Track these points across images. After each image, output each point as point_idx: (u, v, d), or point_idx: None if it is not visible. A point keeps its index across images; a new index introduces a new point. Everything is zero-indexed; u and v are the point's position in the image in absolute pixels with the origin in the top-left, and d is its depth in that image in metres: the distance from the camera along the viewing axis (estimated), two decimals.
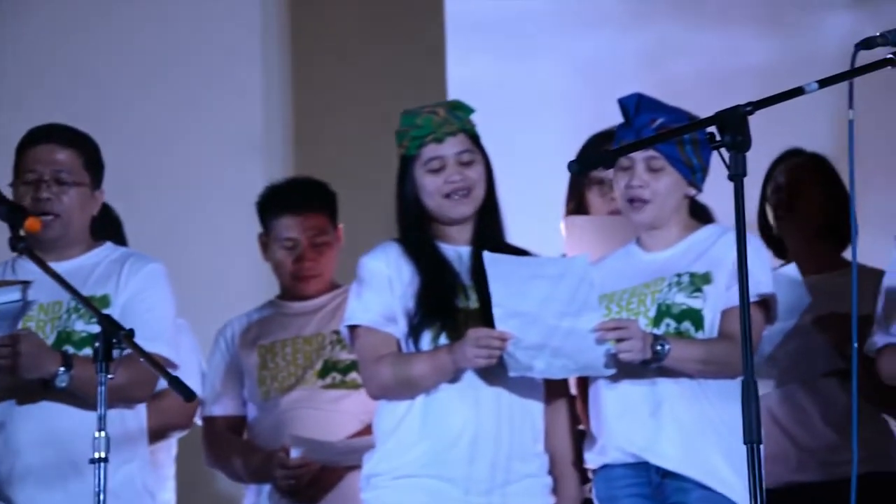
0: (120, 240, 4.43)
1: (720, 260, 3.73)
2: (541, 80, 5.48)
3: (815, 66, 3.18)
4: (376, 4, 5.73)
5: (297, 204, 4.50)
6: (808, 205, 4.39)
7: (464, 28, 5.59)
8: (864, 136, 4.88)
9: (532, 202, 4.65)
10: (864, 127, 4.89)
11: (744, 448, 2.86)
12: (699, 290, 3.77)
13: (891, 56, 3.04)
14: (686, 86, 5.00)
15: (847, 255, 4.40)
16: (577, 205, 4.44)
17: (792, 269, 4.06)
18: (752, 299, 3.67)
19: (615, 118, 3.87)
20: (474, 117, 3.94)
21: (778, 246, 4.51)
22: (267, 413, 4.42)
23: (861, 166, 4.68)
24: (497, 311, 3.67)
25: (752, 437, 2.84)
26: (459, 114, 3.88)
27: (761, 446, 2.91)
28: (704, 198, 3.93)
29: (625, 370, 3.72)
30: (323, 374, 4.40)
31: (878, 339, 3.93)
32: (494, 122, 5.18)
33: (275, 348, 4.46)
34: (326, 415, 4.36)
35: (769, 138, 4.74)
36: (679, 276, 3.79)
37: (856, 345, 3.10)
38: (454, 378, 3.75)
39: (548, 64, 5.49)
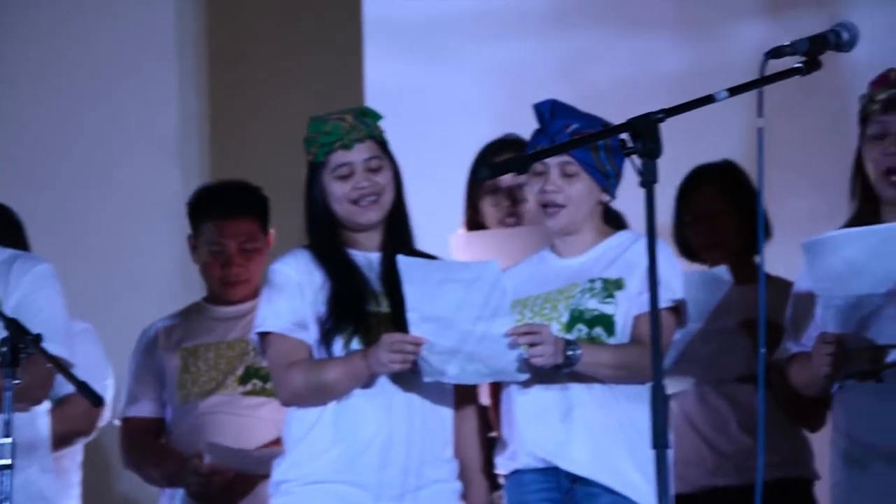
0: (20, 243, 4.38)
1: (633, 266, 3.76)
2: (458, 84, 5.49)
3: (730, 74, 3.20)
4: (292, 7, 5.72)
5: (226, 208, 4.49)
6: (726, 226, 4.44)
7: (381, 32, 5.59)
8: (777, 144, 4.96)
9: (447, 207, 4.65)
10: (777, 134, 4.97)
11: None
12: (611, 295, 3.79)
13: (799, 65, 3.07)
14: (603, 93, 5.03)
15: (766, 268, 4.44)
16: (472, 212, 4.46)
17: (723, 271, 4.10)
18: (663, 305, 3.72)
19: (532, 124, 3.89)
20: (391, 121, 3.94)
21: (697, 256, 4.55)
22: (185, 416, 4.41)
23: (776, 174, 4.75)
24: (411, 316, 3.68)
25: (659, 441, 2.86)
26: (368, 120, 3.89)
27: (669, 451, 2.94)
28: (622, 204, 3.96)
29: (537, 375, 3.74)
30: (244, 380, 4.39)
31: (790, 346, 3.97)
32: (411, 126, 5.20)
33: (198, 352, 4.45)
34: (244, 420, 4.35)
35: (687, 145, 4.81)
36: (592, 281, 3.81)
37: (763, 350, 3.13)
38: (367, 383, 3.75)
39: (465, 69, 5.50)
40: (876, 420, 3.77)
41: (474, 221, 4.48)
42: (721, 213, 4.47)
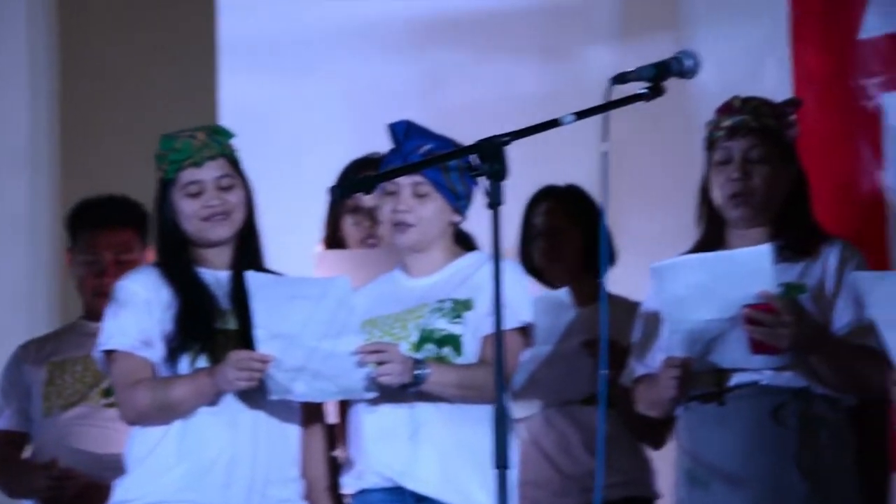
0: None
1: (482, 287, 3.78)
2: (315, 103, 5.48)
3: (584, 97, 3.24)
4: (147, 21, 5.67)
5: (102, 218, 4.48)
6: (570, 245, 4.48)
7: (236, 48, 5.56)
8: (626, 167, 5.03)
9: (303, 225, 4.65)
10: (626, 158, 5.04)
11: None
12: (460, 316, 3.81)
13: (643, 91, 3.12)
14: (459, 114, 5.05)
15: (611, 289, 4.49)
16: (333, 230, 4.46)
17: (563, 293, 4.13)
18: (511, 326, 3.76)
19: (388, 144, 3.90)
20: (246, 138, 3.93)
21: (541, 275, 4.59)
22: (48, 429, 4.39)
23: (624, 197, 4.82)
24: (259, 333, 3.67)
25: (501, 461, 2.88)
26: (219, 138, 3.88)
27: (511, 471, 2.96)
28: (479, 225, 3.98)
29: (385, 394, 3.75)
30: (108, 392, 4.36)
31: (636, 367, 4.02)
32: (268, 143, 5.18)
33: (65, 365, 4.43)
34: (105, 432, 4.33)
35: (541, 168, 4.85)
36: (441, 301, 3.83)
37: (604, 371, 3.16)
38: (213, 401, 3.73)
39: (322, 87, 5.49)
40: (718, 442, 3.83)
41: (334, 240, 4.47)
42: (563, 230, 4.50)
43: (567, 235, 4.52)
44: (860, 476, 3.87)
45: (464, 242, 4.01)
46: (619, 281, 4.49)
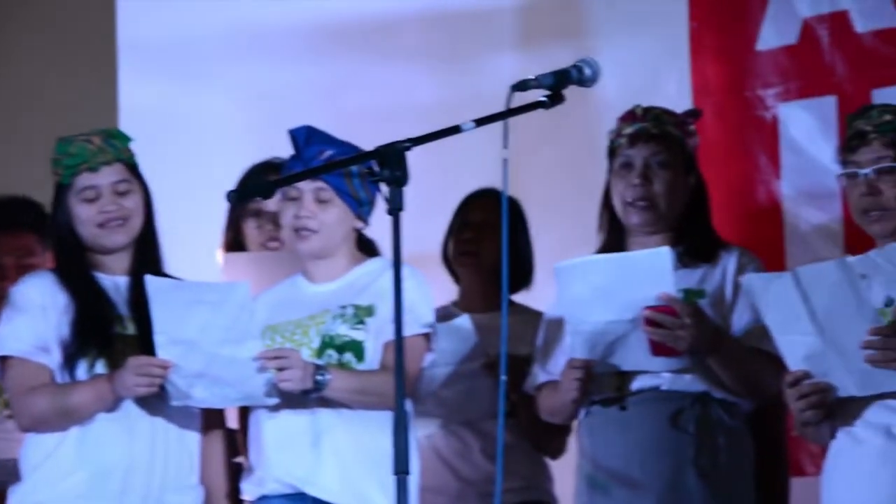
0: None
1: (384, 293, 3.78)
2: (216, 107, 5.44)
3: (486, 105, 3.24)
4: (45, 23, 5.61)
5: (3, 222, 4.43)
6: (491, 247, 4.47)
7: (136, 52, 5.52)
8: (530, 176, 5.05)
9: (205, 230, 4.62)
10: (530, 166, 5.07)
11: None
12: (362, 322, 3.81)
13: (543, 99, 3.14)
14: (360, 120, 5.04)
15: (517, 297, 4.50)
16: (234, 234, 4.44)
17: (465, 321, 4.13)
18: (413, 332, 3.77)
19: (289, 149, 3.89)
20: (147, 142, 3.90)
21: (458, 266, 4.57)
22: None
23: (527, 205, 4.83)
24: (158, 338, 3.64)
25: (401, 467, 2.88)
26: (116, 142, 3.84)
27: (411, 477, 2.97)
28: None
29: (286, 400, 3.73)
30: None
31: (539, 374, 4.04)
32: (169, 147, 5.14)
33: None
34: (9, 444, 4.25)
35: (444, 175, 4.85)
36: (343, 307, 3.83)
37: (503, 378, 3.17)
38: (111, 407, 3.70)
39: (223, 91, 5.46)
40: (618, 446, 3.85)
41: (235, 244, 4.45)
42: (488, 225, 4.47)
43: (492, 233, 4.46)
44: (758, 479, 3.92)
45: (366, 248, 4.01)
46: (526, 291, 4.51)
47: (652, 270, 3.70)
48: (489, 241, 4.45)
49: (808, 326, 3.40)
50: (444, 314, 4.32)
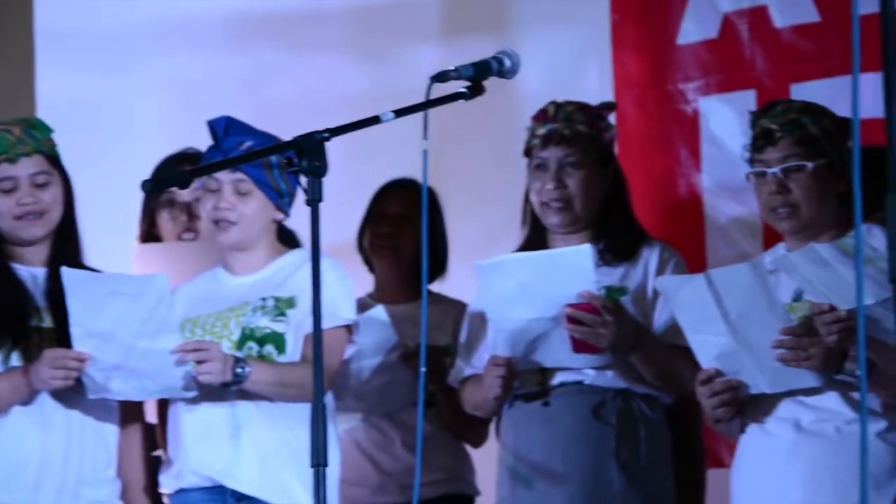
0: None
1: (305, 285, 3.76)
2: (136, 97, 5.39)
3: (408, 96, 3.23)
4: None
5: None
6: (409, 239, 4.46)
7: (54, 42, 5.45)
8: (452, 168, 5.05)
9: (125, 221, 4.57)
10: (452, 158, 5.06)
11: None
12: (283, 314, 3.79)
13: (463, 90, 3.13)
14: (283, 111, 5.02)
15: (434, 286, 4.49)
16: (148, 225, 4.41)
17: (380, 312, 4.12)
18: (333, 324, 3.76)
19: (209, 140, 3.86)
20: (66, 133, 3.86)
21: (375, 259, 4.55)
22: None
23: (449, 197, 4.82)
24: (75, 331, 3.61)
25: (318, 459, 2.87)
26: (36, 133, 3.80)
27: (329, 469, 2.95)
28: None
29: (205, 393, 3.71)
30: None
31: (462, 368, 4.03)
32: (88, 138, 5.09)
33: None
34: None
35: (364, 166, 4.83)
36: (264, 300, 3.81)
37: (423, 369, 3.16)
38: (26, 400, 3.66)
39: (142, 82, 5.40)
40: (541, 440, 3.86)
41: (150, 235, 4.42)
42: (408, 219, 4.46)
43: (410, 227, 4.46)
44: (677, 471, 3.94)
45: (287, 240, 3.99)
46: (446, 281, 4.51)
47: (573, 268, 3.71)
48: (407, 233, 4.44)
49: (720, 327, 3.45)
50: (360, 305, 4.31)
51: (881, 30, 2.17)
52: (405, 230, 4.44)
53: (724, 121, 4.71)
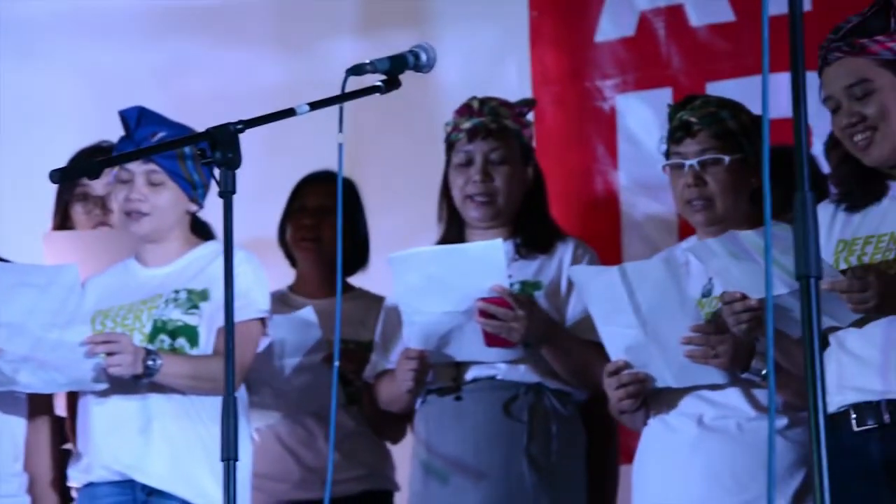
0: None
1: (218, 277, 3.71)
2: (49, 88, 5.33)
3: (327, 89, 3.21)
4: None
5: None
6: (331, 232, 4.44)
7: None
8: (372, 161, 5.04)
9: (37, 214, 4.52)
10: (372, 152, 5.05)
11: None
12: (196, 306, 3.76)
13: (379, 84, 3.11)
14: (200, 103, 4.97)
15: (356, 280, 4.48)
16: (62, 219, 4.36)
17: (309, 313, 4.10)
18: (247, 317, 3.74)
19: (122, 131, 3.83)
20: None
21: (298, 254, 4.53)
22: None
23: (369, 190, 4.81)
24: None
25: (228, 453, 2.85)
26: None
27: (241, 463, 2.94)
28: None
29: (116, 385, 3.68)
30: None
31: (378, 362, 4.02)
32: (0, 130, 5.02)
33: None
34: None
35: (283, 159, 4.81)
36: (176, 292, 3.78)
37: (336, 363, 3.14)
38: None
39: (57, 72, 5.34)
40: (454, 434, 3.86)
41: (64, 229, 4.36)
42: (329, 211, 4.44)
43: (331, 219, 4.43)
44: (590, 465, 3.95)
45: (201, 232, 3.96)
46: (365, 276, 4.50)
47: (486, 262, 3.71)
48: (328, 226, 4.42)
49: (631, 319, 3.46)
50: (280, 298, 4.29)
51: (790, 30, 2.18)
52: (326, 223, 4.43)
53: (641, 118, 4.74)
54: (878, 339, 3.17)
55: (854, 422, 3.17)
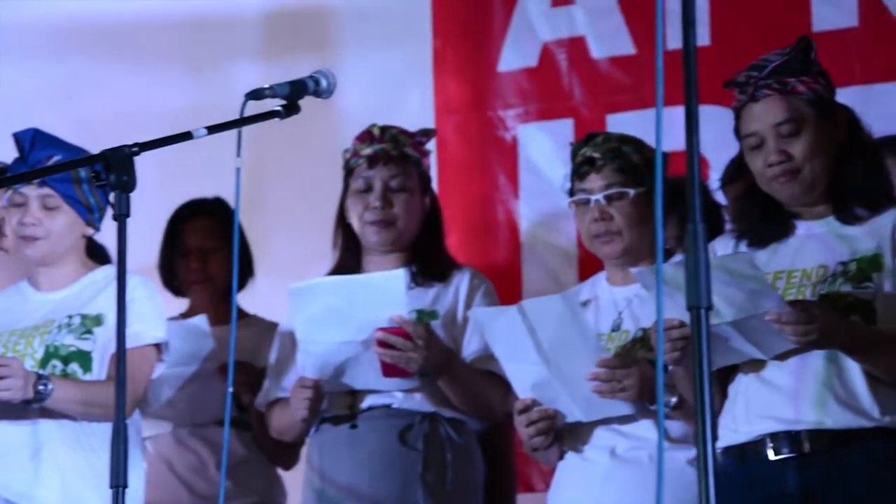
0: None
1: (113, 302, 3.64)
2: None
3: (230, 114, 3.19)
4: None
5: None
6: (219, 264, 4.43)
7: None
8: (270, 186, 5.01)
9: None
10: (270, 177, 5.02)
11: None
12: (90, 331, 3.72)
13: (278, 108, 3.10)
14: (100, 125, 4.91)
15: (249, 307, 4.46)
16: None
17: (202, 321, 4.08)
18: (142, 343, 3.70)
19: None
20: None
21: (186, 293, 4.52)
22: None
23: (268, 217, 4.78)
24: None
25: (117, 480, 2.82)
26: None
27: (131, 490, 2.90)
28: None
29: (6, 411, 3.62)
30: None
31: (271, 390, 3.99)
32: None
33: None
34: None
35: (180, 183, 4.77)
36: (70, 317, 3.74)
37: (230, 390, 3.13)
38: None
39: None
40: (348, 463, 3.85)
41: None
42: (214, 249, 4.44)
43: (218, 256, 4.45)
44: (487, 494, 3.95)
45: (98, 255, 3.92)
46: (262, 301, 4.47)
47: (385, 292, 3.71)
48: (214, 263, 4.43)
49: (534, 356, 3.48)
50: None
51: (683, 63, 2.20)
52: (211, 260, 4.44)
53: (542, 149, 4.76)
54: (792, 368, 3.20)
55: (770, 451, 3.19)
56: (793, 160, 3.24)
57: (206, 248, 4.45)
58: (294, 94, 3.11)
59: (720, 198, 4.06)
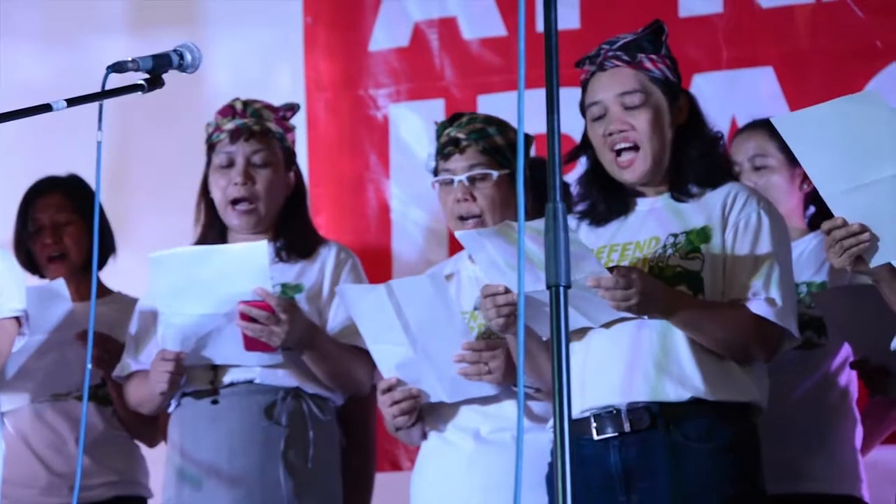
0: None
1: None
2: None
3: (93, 87, 3.13)
4: None
5: None
6: (74, 240, 4.35)
7: None
8: (137, 162, 4.95)
9: None
10: (137, 153, 4.96)
11: None
12: None
13: (141, 82, 3.06)
14: None
15: (113, 284, 4.41)
16: None
17: (60, 284, 4.02)
18: (4, 315, 3.63)
19: None
20: None
21: (42, 271, 4.44)
22: None
23: (132, 191, 4.73)
24: None
25: None
26: None
27: None
28: None
29: None
30: None
31: (129, 363, 3.94)
32: None
33: None
34: None
35: (39, 158, 4.69)
36: None
37: (89, 366, 3.09)
38: None
39: None
40: (210, 439, 3.82)
41: None
42: (67, 224, 4.37)
43: (72, 230, 4.39)
44: (346, 472, 3.94)
45: None
46: (125, 279, 4.41)
47: (248, 264, 3.67)
48: (69, 238, 4.36)
49: (400, 337, 3.48)
50: None
51: (545, 44, 2.21)
52: (66, 235, 4.36)
53: (413, 129, 4.77)
54: (624, 342, 3.23)
55: (594, 430, 3.22)
56: (634, 131, 3.27)
57: (58, 223, 4.37)
58: (157, 68, 3.07)
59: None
